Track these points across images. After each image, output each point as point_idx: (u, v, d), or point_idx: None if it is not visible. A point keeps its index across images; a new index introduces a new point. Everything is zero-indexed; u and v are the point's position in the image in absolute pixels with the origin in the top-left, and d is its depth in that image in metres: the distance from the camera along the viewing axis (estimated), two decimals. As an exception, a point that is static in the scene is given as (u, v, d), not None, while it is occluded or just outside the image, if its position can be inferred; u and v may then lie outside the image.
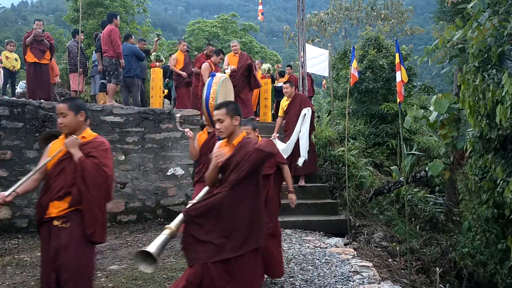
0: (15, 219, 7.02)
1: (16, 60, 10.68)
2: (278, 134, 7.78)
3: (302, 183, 8.27)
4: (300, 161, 7.93)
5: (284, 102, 8.40)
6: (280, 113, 8.53)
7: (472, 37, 5.13)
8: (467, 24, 5.22)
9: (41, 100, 7.82)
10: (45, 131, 5.58)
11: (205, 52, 10.19)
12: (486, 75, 5.58)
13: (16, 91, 14.23)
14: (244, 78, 9.94)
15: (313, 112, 8.32)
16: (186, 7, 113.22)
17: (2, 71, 10.55)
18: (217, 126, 3.36)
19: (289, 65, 15.43)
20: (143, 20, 24.48)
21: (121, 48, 8.78)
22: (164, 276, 4.72)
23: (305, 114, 8.09)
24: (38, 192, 7.06)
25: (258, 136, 4.59)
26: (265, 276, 4.96)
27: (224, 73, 8.13)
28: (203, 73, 8.71)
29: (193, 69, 10.16)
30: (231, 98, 5.31)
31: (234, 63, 10.01)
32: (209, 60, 9.31)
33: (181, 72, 10.38)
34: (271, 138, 7.39)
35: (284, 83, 8.56)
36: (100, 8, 20.64)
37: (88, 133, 3.53)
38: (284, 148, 7.65)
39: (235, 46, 10.39)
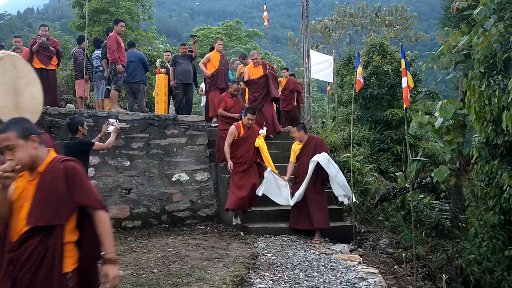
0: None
1: None
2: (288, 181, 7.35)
3: (317, 240, 6.99)
4: (345, 199, 7.20)
5: (296, 146, 7.54)
6: (292, 158, 7.58)
7: (478, 43, 5.12)
8: (473, 30, 5.22)
9: (47, 106, 7.85)
10: None
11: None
12: (492, 81, 5.57)
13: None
14: (265, 90, 9.47)
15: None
16: (190, 14, 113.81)
17: None
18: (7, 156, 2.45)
19: (286, 68, 14.80)
20: (148, 27, 24.62)
21: (119, 55, 8.71)
22: (169, 282, 4.71)
23: (324, 161, 7.07)
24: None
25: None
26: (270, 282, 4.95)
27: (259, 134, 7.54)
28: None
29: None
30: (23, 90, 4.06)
31: (256, 74, 9.51)
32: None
33: (205, 70, 9.91)
34: (284, 184, 7.30)
35: (293, 126, 8.07)
36: (106, 15, 20.78)
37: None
38: (292, 197, 7.15)
39: (256, 58, 9.52)
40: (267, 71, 9.42)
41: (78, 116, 6.63)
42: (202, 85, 11.19)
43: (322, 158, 7.02)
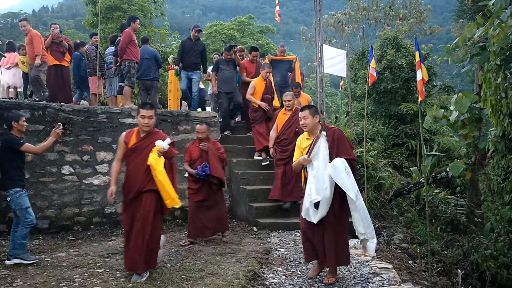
0: (36, 220, 7.09)
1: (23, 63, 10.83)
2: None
3: (331, 278, 4.79)
4: (365, 243, 4.64)
5: (304, 142, 4.88)
6: (297, 154, 4.97)
7: (494, 35, 5.03)
8: (488, 21, 5.12)
9: (61, 103, 7.93)
10: None
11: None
12: (508, 73, 5.48)
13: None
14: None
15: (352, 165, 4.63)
16: (203, 10, 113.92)
17: (21, 74, 10.69)
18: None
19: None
20: (160, 24, 24.69)
21: (130, 51, 8.74)
22: (182, 276, 4.72)
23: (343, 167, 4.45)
24: (58, 194, 7.17)
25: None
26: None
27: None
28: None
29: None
30: None
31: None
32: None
33: (257, 101, 8.71)
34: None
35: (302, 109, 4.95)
36: (119, 12, 20.90)
37: None
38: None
39: (290, 101, 7.56)
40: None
41: (15, 111, 6.25)
42: (210, 69, 10.54)
43: (337, 165, 4.42)
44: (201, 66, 10.21)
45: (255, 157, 8.79)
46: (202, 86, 11.57)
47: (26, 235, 5.52)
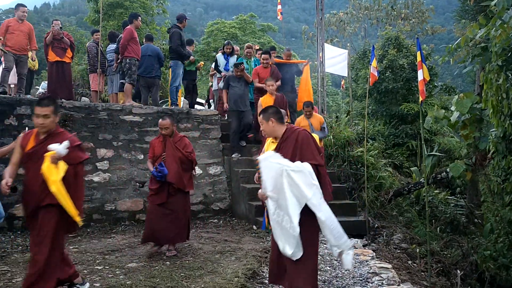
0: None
1: (33, 60, 10.83)
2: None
3: None
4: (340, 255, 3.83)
5: (270, 146, 4.15)
6: None
7: (496, 36, 5.02)
8: (490, 22, 5.12)
9: (62, 100, 7.92)
10: None
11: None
12: (510, 74, 5.47)
13: (38, 91, 14.48)
14: None
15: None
16: (205, 8, 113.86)
17: None
18: None
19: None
20: (162, 21, 24.72)
21: (132, 48, 8.73)
22: (182, 274, 4.73)
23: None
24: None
25: None
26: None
27: None
28: None
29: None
30: None
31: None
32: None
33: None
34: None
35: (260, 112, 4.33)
36: (120, 9, 20.92)
37: None
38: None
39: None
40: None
41: None
42: (213, 65, 10.33)
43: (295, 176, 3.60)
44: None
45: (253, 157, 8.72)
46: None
47: None
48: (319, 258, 5.69)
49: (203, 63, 11.35)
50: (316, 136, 6.53)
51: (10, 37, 8.43)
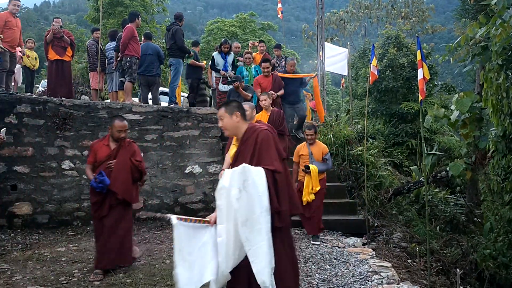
0: (36, 215, 7.13)
1: (35, 59, 10.83)
2: None
3: None
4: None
5: (232, 149, 3.78)
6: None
7: (496, 35, 5.02)
8: (491, 21, 5.12)
9: (62, 98, 7.92)
10: None
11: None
12: (510, 73, 5.47)
13: (38, 89, 14.47)
14: None
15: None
16: (205, 7, 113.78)
17: (21, 69, 10.68)
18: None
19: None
20: (162, 20, 24.69)
21: (132, 47, 8.72)
22: (181, 273, 4.73)
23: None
24: (58, 189, 7.16)
25: None
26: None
27: None
28: None
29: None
30: None
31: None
32: None
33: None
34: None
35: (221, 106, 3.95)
36: (121, 8, 20.91)
37: None
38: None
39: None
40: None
41: None
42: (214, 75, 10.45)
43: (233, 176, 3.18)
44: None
45: None
46: None
47: None
48: (319, 257, 5.70)
49: (205, 62, 11.39)
50: (314, 168, 6.53)
51: (9, 33, 8.23)
